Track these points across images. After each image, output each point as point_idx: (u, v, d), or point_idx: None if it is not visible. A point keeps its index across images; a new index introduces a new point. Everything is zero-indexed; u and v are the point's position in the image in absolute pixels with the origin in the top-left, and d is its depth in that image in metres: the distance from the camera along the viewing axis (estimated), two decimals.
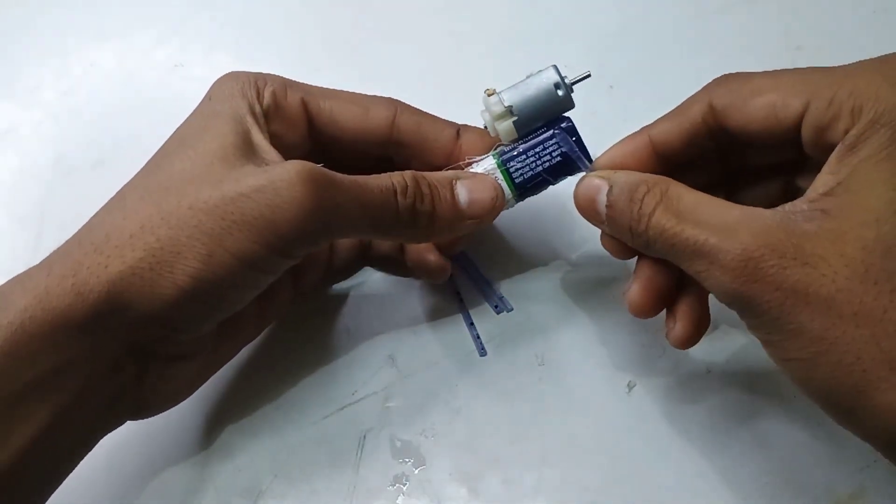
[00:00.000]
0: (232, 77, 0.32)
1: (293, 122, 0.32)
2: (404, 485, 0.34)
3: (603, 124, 0.38)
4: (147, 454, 0.35)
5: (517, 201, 0.34)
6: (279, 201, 0.26)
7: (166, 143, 0.30)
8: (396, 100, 0.34)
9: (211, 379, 0.35)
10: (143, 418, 0.32)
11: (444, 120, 0.35)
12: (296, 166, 0.27)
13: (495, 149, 0.34)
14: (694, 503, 0.33)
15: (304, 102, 0.32)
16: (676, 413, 0.35)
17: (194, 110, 0.31)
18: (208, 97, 0.31)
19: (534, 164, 0.33)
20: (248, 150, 0.29)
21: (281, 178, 0.27)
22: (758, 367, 0.36)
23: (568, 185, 0.33)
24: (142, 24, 0.51)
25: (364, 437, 0.35)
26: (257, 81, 0.31)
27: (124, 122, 0.47)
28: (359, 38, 0.48)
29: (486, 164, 0.33)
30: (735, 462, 0.34)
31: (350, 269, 0.38)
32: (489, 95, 0.33)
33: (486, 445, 0.35)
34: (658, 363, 0.36)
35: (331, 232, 0.28)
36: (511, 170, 0.33)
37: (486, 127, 0.34)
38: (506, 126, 0.33)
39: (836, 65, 0.28)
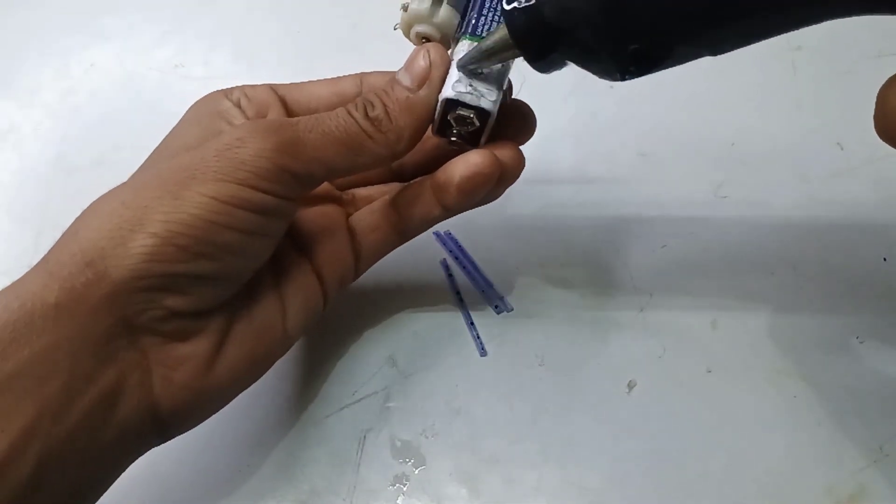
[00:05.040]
0: (198, 102, 0.33)
1: (266, 107, 0.33)
2: (404, 485, 0.34)
3: (602, 124, 0.38)
4: (146, 455, 0.35)
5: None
6: (240, 135, 0.28)
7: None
8: None
9: None
10: (169, 432, 0.30)
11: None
12: (251, 120, 0.29)
13: (457, 36, 0.32)
14: (694, 503, 0.33)
15: (273, 89, 0.33)
16: (676, 413, 0.35)
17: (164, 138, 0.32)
18: (180, 121, 0.32)
19: (495, 6, 0.31)
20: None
21: (237, 124, 0.29)
22: (758, 367, 0.36)
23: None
24: (142, 24, 0.51)
25: (364, 437, 0.35)
26: (219, 92, 0.33)
27: (124, 121, 0.47)
28: (359, 38, 0.48)
29: (461, 49, 0.30)
30: (735, 462, 0.34)
31: (380, 252, 0.36)
32: (404, 11, 0.31)
33: (486, 445, 0.35)
34: (658, 363, 0.36)
35: (305, 165, 0.29)
36: (481, 32, 0.31)
37: (424, 39, 0.32)
38: (444, 13, 0.31)
39: (835, 65, 0.28)
